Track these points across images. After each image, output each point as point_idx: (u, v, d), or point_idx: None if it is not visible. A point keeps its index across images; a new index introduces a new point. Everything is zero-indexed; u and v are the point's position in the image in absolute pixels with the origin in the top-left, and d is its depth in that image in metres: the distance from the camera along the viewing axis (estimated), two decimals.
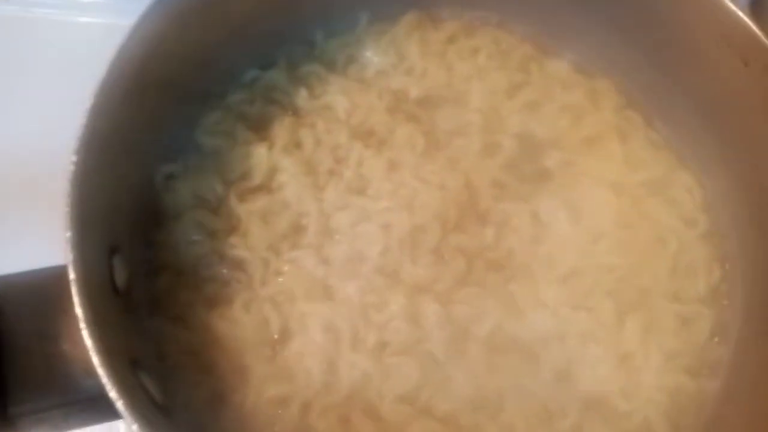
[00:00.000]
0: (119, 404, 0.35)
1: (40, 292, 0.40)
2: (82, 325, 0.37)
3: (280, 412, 0.47)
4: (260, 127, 0.58)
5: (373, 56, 0.64)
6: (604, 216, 0.56)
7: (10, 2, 0.72)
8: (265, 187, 0.56)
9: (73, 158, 0.41)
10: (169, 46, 0.51)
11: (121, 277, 0.45)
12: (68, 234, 0.39)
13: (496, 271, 0.54)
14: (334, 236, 0.54)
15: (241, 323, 0.50)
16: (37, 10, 0.72)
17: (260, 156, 0.56)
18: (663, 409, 0.51)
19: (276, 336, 0.50)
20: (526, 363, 0.50)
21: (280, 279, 0.52)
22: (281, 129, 0.58)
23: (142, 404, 0.38)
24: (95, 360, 0.36)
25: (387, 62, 0.64)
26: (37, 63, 0.70)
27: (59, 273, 0.39)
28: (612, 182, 0.58)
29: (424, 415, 0.48)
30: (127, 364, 0.40)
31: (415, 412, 0.48)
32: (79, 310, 0.37)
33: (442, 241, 0.54)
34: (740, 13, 0.51)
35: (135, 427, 0.35)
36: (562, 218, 0.56)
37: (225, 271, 0.52)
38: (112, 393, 0.36)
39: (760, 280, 0.54)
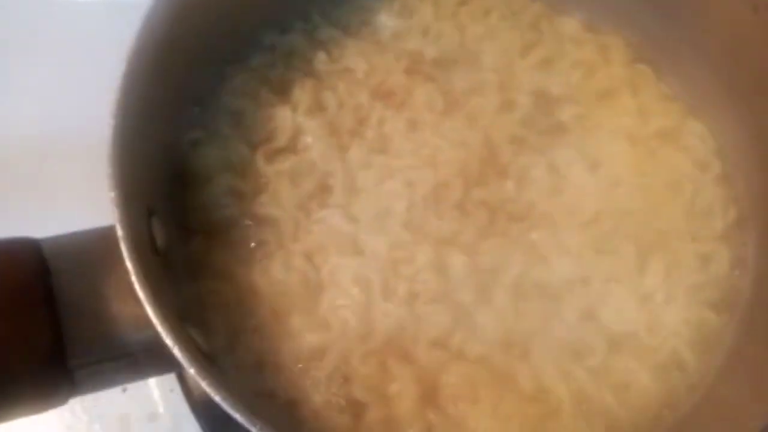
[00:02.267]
0: (175, 350, 0.36)
1: (90, 252, 0.40)
2: (134, 278, 0.37)
3: (319, 361, 0.48)
4: (283, 90, 0.58)
5: (387, 20, 0.64)
6: (620, 164, 0.56)
7: None
8: (290, 149, 0.55)
9: (112, 121, 0.40)
10: (192, 12, 0.50)
11: (160, 238, 0.45)
12: (113, 194, 0.39)
13: (518, 221, 0.54)
14: (360, 194, 0.54)
15: (277, 277, 0.50)
16: None
17: (284, 118, 0.56)
18: (689, 342, 0.51)
19: (311, 289, 0.50)
20: (552, 306, 0.51)
21: (311, 236, 0.52)
22: (303, 92, 0.58)
23: (193, 353, 0.38)
24: (149, 311, 0.36)
25: (401, 25, 0.63)
26: (55, 41, 0.70)
27: (106, 233, 0.39)
28: (626, 133, 0.58)
29: (458, 358, 0.49)
30: (175, 316, 0.41)
31: (449, 356, 0.49)
32: (129, 265, 0.37)
33: (464, 196, 0.54)
34: None
35: (192, 371, 0.35)
36: (579, 168, 0.56)
37: (257, 230, 0.52)
38: (168, 340, 0.36)
39: None
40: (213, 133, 0.55)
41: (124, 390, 0.60)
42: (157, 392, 0.62)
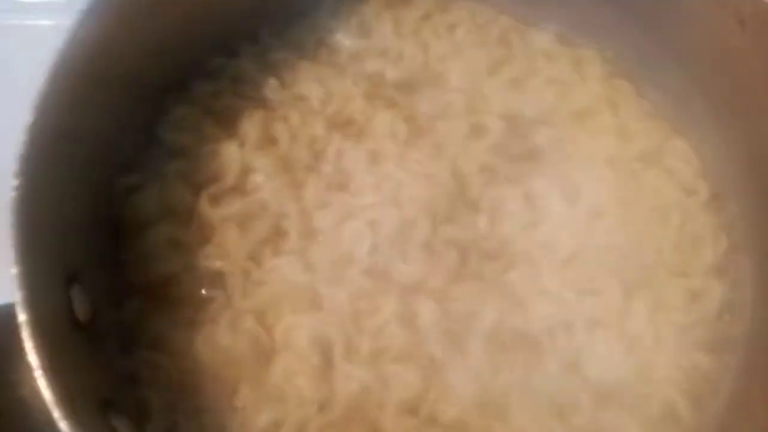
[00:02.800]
0: None
1: None
2: (38, 373, 0.31)
3: None
4: (229, 123, 0.53)
5: (344, 38, 0.59)
6: (601, 193, 0.52)
7: None
8: (238, 189, 0.50)
9: (15, 182, 0.35)
10: (118, 43, 0.46)
11: (82, 309, 0.39)
12: (15, 270, 0.33)
13: (492, 261, 0.49)
14: (317, 238, 0.49)
15: (223, 344, 0.44)
16: None
17: (231, 155, 0.51)
18: (682, 388, 0.47)
19: (262, 355, 0.44)
20: (532, 357, 0.46)
21: (263, 290, 0.47)
22: (252, 124, 0.53)
23: None
24: (55, 414, 0.30)
25: (359, 44, 0.58)
26: None
27: (10, 312, 0.33)
28: (606, 156, 0.54)
29: (431, 424, 0.44)
30: (97, 410, 0.35)
31: (420, 423, 0.44)
32: (32, 357, 0.31)
33: (432, 235, 0.49)
34: None
35: None
36: (557, 199, 0.51)
37: (201, 287, 0.46)
38: None
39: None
40: (150, 176, 0.49)
41: None
42: None
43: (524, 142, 0.54)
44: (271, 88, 0.54)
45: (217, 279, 0.47)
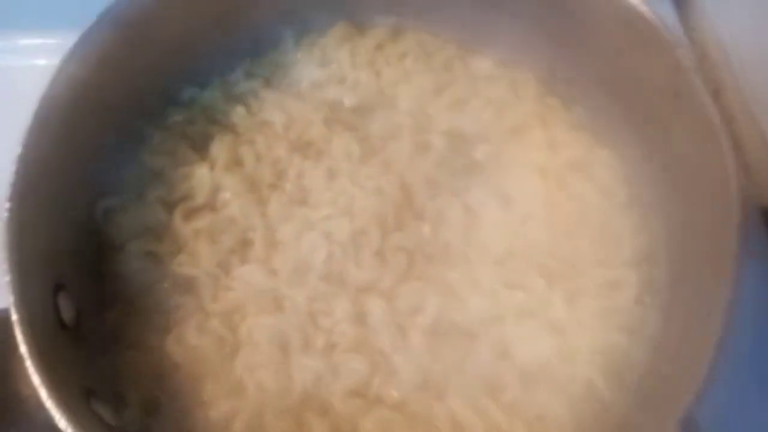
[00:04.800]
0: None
1: None
2: (28, 363, 0.36)
3: (229, 425, 0.47)
4: (202, 147, 0.58)
5: (306, 70, 0.64)
6: (532, 198, 0.56)
7: None
8: (209, 206, 0.55)
9: (7, 205, 0.40)
10: (100, 79, 0.50)
11: (68, 314, 0.44)
12: (7, 278, 0.38)
13: (435, 263, 0.54)
14: (279, 248, 0.54)
15: (194, 345, 0.49)
16: None
17: (202, 176, 0.56)
18: (602, 369, 0.51)
19: (226, 352, 0.49)
20: (467, 345, 0.50)
21: (231, 294, 0.52)
22: (221, 148, 0.58)
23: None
24: (42, 394, 0.36)
25: (320, 74, 0.63)
26: None
27: (4, 315, 0.38)
28: (537, 166, 0.58)
29: (376, 405, 0.48)
30: (80, 396, 0.40)
31: (366, 404, 0.48)
32: (23, 349, 0.37)
33: (383, 242, 0.54)
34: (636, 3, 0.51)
35: None
36: (493, 206, 0.56)
37: (175, 294, 0.51)
38: (61, 423, 0.35)
39: (682, 247, 0.54)
40: (128, 198, 0.54)
41: None
42: None
43: (465, 157, 0.59)
44: (238, 115, 0.59)
45: (189, 285, 0.52)
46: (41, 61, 0.45)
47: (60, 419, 0.35)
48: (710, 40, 0.76)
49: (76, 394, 0.39)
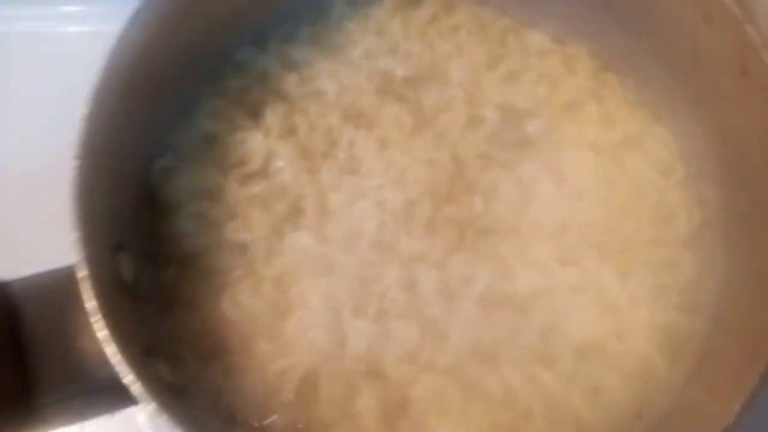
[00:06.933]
0: (134, 388, 0.35)
1: (55, 292, 0.39)
2: (94, 318, 0.36)
3: (283, 383, 0.47)
4: (256, 114, 0.57)
5: (359, 39, 0.62)
6: (585, 175, 0.55)
7: None
8: (262, 173, 0.54)
9: (75, 163, 0.40)
10: (159, 43, 0.49)
11: (128, 273, 0.44)
12: (75, 235, 0.38)
13: (487, 236, 0.53)
14: (331, 215, 0.53)
15: (247, 305, 0.49)
16: (21, 24, 0.70)
17: (257, 142, 0.55)
18: (659, 346, 0.50)
19: (281, 314, 0.49)
20: (518, 317, 0.49)
21: (283, 259, 0.51)
22: (276, 115, 0.56)
23: (156, 387, 0.37)
24: (108, 350, 0.35)
25: (373, 45, 0.62)
26: (30, 75, 0.68)
27: (71, 272, 0.38)
28: (591, 143, 0.56)
29: (428, 370, 0.48)
30: (140, 352, 0.40)
31: (418, 369, 0.48)
32: (89, 305, 0.37)
33: (434, 214, 0.53)
34: None
35: (151, 407, 0.35)
36: (545, 181, 0.55)
37: (227, 257, 0.51)
38: (127, 378, 0.35)
39: (740, 222, 0.52)
40: (184, 159, 0.54)
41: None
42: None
43: (517, 131, 0.57)
44: (291, 83, 0.58)
45: (242, 250, 0.51)
46: (103, 27, 0.46)
47: (126, 375, 0.35)
48: None
49: (137, 352, 0.39)
